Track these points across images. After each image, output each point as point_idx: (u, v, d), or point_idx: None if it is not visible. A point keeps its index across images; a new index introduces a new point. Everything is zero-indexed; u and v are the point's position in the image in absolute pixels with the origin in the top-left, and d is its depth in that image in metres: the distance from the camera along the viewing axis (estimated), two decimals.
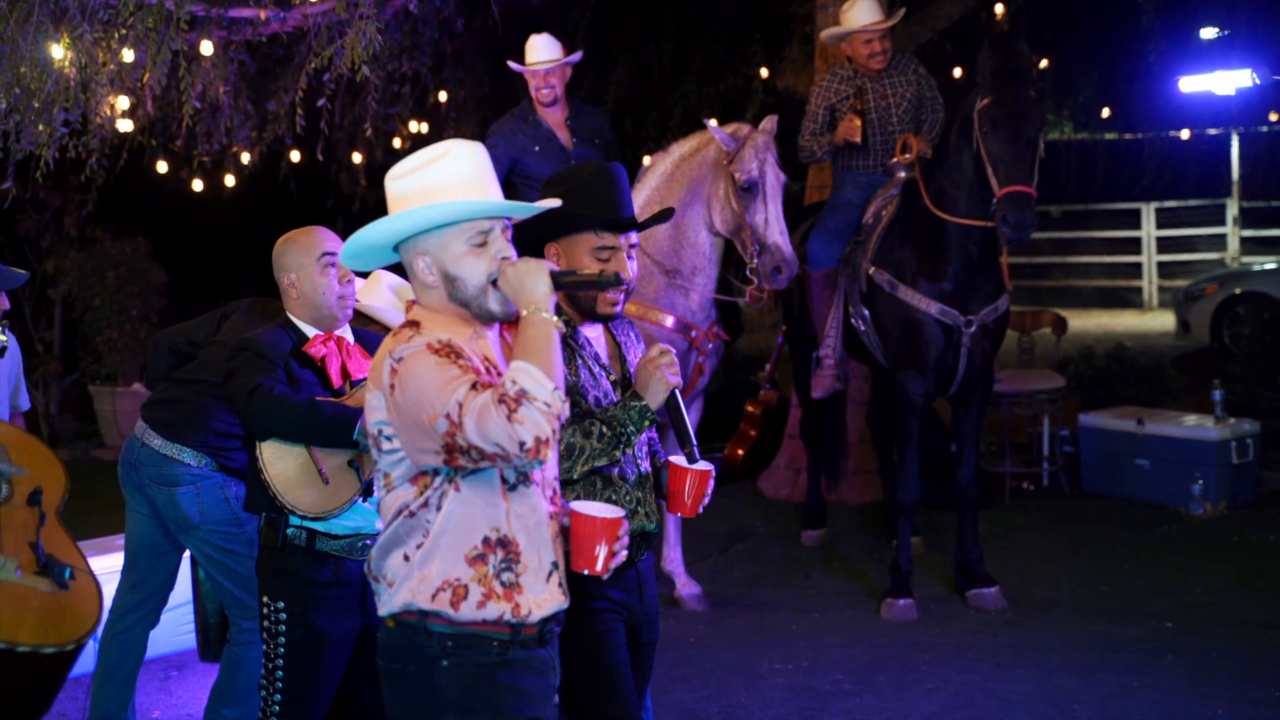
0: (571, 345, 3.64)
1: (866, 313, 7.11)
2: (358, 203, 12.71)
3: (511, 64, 7.33)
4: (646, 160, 7.08)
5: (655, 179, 6.64)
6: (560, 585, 3.13)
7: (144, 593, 5.19)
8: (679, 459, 3.58)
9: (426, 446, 2.90)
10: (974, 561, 6.87)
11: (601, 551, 3.17)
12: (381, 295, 4.97)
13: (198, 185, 11.20)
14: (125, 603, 5.20)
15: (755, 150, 6.34)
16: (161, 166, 10.92)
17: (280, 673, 4.10)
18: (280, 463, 4.08)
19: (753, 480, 9.43)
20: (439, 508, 3.00)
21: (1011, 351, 10.07)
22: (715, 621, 6.76)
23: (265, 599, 4.16)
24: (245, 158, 10.58)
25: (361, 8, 6.43)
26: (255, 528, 4.72)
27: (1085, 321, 17.37)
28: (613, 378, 3.70)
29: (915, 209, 6.84)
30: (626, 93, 12.22)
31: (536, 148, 7.16)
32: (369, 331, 4.61)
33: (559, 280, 3.04)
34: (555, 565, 3.11)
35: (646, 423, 3.55)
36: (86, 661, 5.34)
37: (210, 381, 4.83)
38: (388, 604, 3.06)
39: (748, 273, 6.53)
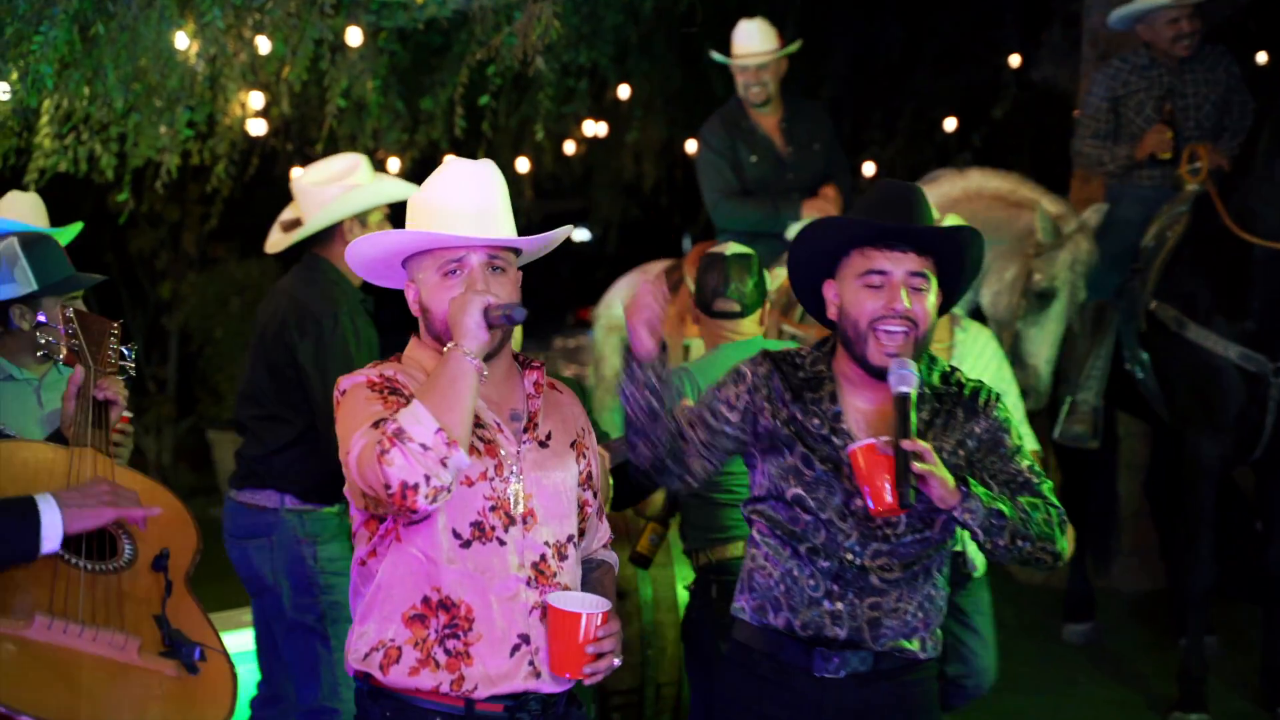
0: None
1: (1146, 357, 7.01)
2: (524, 217, 12.81)
3: (716, 54, 7.31)
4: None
5: (938, 194, 6.37)
6: (531, 664, 3.17)
7: (275, 684, 5.30)
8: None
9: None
10: None
11: (578, 652, 3.16)
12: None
13: None
14: (260, 694, 5.36)
15: (1075, 257, 6.19)
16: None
17: None
18: None
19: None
20: (383, 558, 3.17)
21: None
22: None
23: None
24: (394, 164, 10.73)
25: None
26: (332, 600, 4.92)
27: None
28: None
29: (1210, 230, 6.71)
30: (845, 88, 12.18)
31: (753, 157, 7.12)
32: None
33: (490, 314, 3.12)
34: (526, 640, 3.17)
35: None
36: None
37: (262, 411, 5.10)
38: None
39: None
